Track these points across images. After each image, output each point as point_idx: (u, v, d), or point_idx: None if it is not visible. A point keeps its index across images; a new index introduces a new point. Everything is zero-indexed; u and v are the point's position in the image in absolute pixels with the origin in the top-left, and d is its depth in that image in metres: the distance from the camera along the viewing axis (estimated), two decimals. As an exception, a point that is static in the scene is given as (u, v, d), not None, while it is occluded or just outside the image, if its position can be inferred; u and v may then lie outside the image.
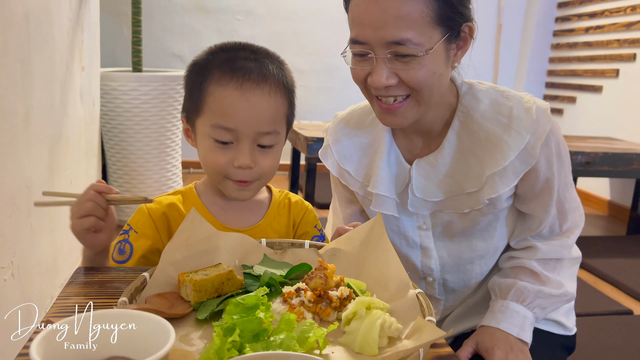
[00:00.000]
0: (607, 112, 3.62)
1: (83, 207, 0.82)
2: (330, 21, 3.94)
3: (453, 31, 0.88)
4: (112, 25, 3.43)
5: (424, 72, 0.86)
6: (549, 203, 0.99)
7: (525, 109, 0.94)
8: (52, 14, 1.60)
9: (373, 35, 0.84)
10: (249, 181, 0.92)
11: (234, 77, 0.89)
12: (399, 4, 0.82)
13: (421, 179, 1.00)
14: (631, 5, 3.41)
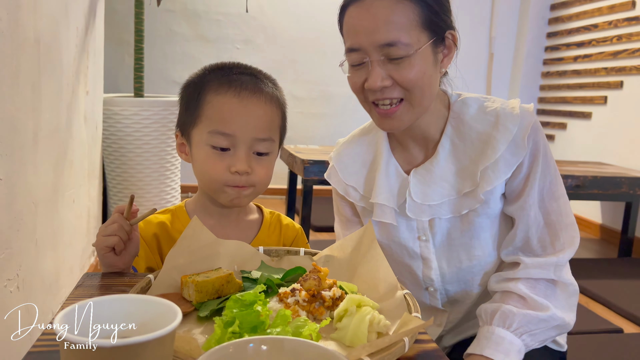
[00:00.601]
0: (596, 138, 3.71)
1: (109, 227, 0.89)
2: (326, 50, 4.06)
3: (438, 36, 0.96)
4: (114, 53, 3.54)
5: (415, 72, 0.93)
6: (529, 203, 0.99)
7: (511, 107, 1.01)
8: (60, 40, 1.68)
9: (366, 39, 0.92)
10: (245, 186, 0.96)
11: (232, 87, 0.94)
12: (388, 10, 0.91)
13: (419, 185, 1.04)
14: (617, 35, 3.54)
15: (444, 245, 1.08)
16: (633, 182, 2.95)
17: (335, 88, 4.12)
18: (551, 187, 1.01)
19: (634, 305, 2.35)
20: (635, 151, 3.38)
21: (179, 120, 1.02)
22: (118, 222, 0.90)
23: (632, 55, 3.41)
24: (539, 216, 1.01)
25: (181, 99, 1.02)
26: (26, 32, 1.34)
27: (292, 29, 4.00)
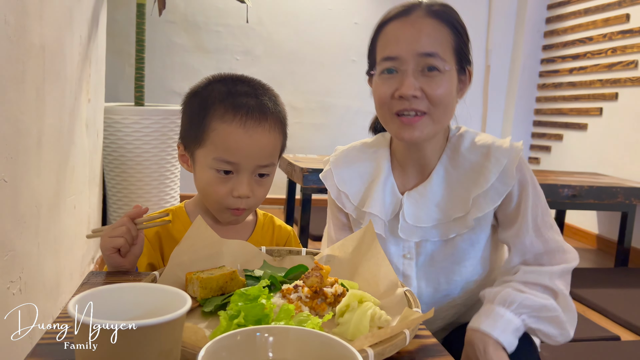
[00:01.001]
0: (592, 149, 3.74)
1: (116, 229, 0.92)
2: (325, 62, 4.11)
3: (462, 67, 1.05)
4: (115, 62, 3.57)
5: (444, 89, 1.01)
6: (523, 230, 1.04)
7: (502, 141, 1.09)
8: (64, 47, 1.71)
9: (407, 47, 1.00)
10: (244, 209, 1.01)
11: (237, 114, 0.97)
12: (431, 28, 1.00)
13: (411, 207, 1.09)
14: (611, 47, 3.59)
15: (426, 266, 1.12)
16: (629, 192, 2.98)
17: (333, 99, 4.16)
18: (544, 217, 1.07)
19: (630, 313, 2.36)
20: (630, 162, 3.41)
21: (183, 134, 1.05)
22: (126, 225, 0.92)
23: (626, 68, 3.46)
24: (538, 244, 1.05)
25: (185, 110, 1.05)
26: (32, 37, 1.36)
27: (291, 41, 4.04)
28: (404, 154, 1.12)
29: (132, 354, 0.46)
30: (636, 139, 3.37)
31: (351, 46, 4.13)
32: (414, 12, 1.02)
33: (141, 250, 0.97)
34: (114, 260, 0.93)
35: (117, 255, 0.93)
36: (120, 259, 0.93)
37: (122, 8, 3.63)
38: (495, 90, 4.45)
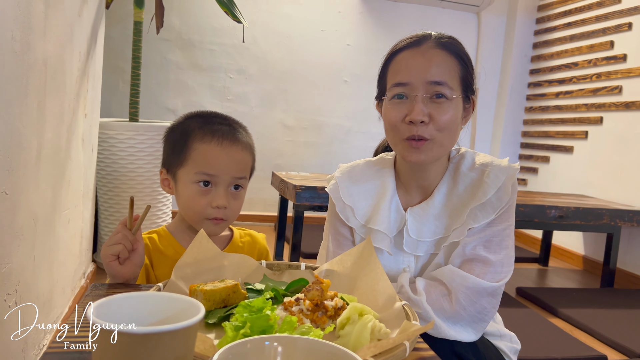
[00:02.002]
0: (578, 171, 3.82)
1: (114, 237, 0.98)
2: (317, 82, 4.17)
3: (467, 94, 1.11)
4: (109, 79, 3.59)
5: (450, 116, 1.07)
6: (476, 238, 1.09)
7: (500, 161, 1.15)
8: (65, 63, 1.73)
9: (418, 75, 1.06)
10: (222, 219, 1.12)
11: (215, 137, 1.12)
12: (440, 58, 1.08)
13: (415, 222, 1.15)
14: (596, 73, 3.69)
15: (419, 275, 1.17)
16: (614, 214, 3.04)
17: (325, 118, 4.21)
18: (503, 238, 1.10)
19: (617, 333, 2.40)
20: (615, 184, 3.49)
21: (165, 160, 1.19)
22: (121, 231, 0.98)
23: (610, 93, 3.56)
24: (480, 254, 1.08)
25: (166, 141, 1.19)
26: (36, 53, 1.38)
27: (284, 61, 4.10)
28: (408, 174, 1.17)
29: (150, 358, 0.48)
30: (620, 162, 3.46)
31: (343, 67, 4.20)
32: (424, 43, 1.10)
33: (142, 260, 0.99)
34: (113, 268, 0.96)
35: (116, 263, 0.96)
36: (119, 267, 0.96)
37: (118, 25, 3.67)
38: (484, 113, 4.54)
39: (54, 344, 0.70)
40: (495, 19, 4.45)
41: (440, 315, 1.05)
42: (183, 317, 0.53)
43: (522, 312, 2.61)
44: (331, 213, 1.26)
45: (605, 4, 3.64)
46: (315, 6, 4.12)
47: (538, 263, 3.74)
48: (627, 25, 3.45)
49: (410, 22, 4.25)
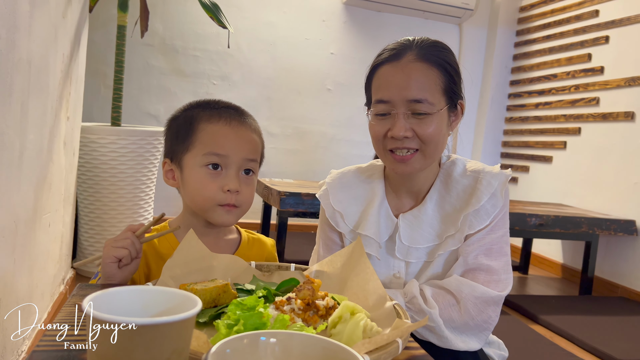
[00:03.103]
0: (557, 180, 3.89)
1: (121, 240, 0.94)
2: (301, 90, 4.18)
3: (453, 103, 1.11)
4: (91, 83, 3.55)
5: (433, 129, 1.07)
6: (476, 246, 1.10)
7: (492, 167, 1.17)
8: (49, 64, 1.71)
9: (397, 93, 1.06)
10: (235, 205, 1.04)
11: (222, 117, 1.06)
12: (420, 73, 1.06)
13: (407, 229, 1.15)
14: (574, 84, 3.77)
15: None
16: (592, 222, 3.10)
17: (308, 126, 4.22)
18: (501, 244, 1.12)
19: (596, 339, 2.44)
20: (593, 193, 3.55)
21: (168, 149, 1.11)
22: (130, 238, 0.95)
23: (588, 104, 3.64)
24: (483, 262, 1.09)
25: (169, 130, 1.12)
26: (20, 52, 1.36)
27: (268, 68, 4.10)
28: (398, 181, 1.18)
29: (148, 350, 0.47)
30: (598, 172, 3.53)
31: (327, 75, 4.22)
32: (404, 56, 1.08)
33: (136, 268, 0.98)
34: (110, 270, 0.94)
35: (115, 266, 0.95)
36: (116, 270, 0.95)
37: (101, 29, 3.64)
38: (465, 123, 4.60)
39: (42, 342, 0.69)
40: (476, 30, 4.53)
41: (448, 326, 1.05)
42: (179, 311, 0.52)
43: (504, 319, 2.64)
44: (322, 218, 1.26)
45: (583, 18, 3.73)
46: (300, 14, 4.14)
47: (518, 271, 3.78)
48: (604, 38, 3.54)
49: (393, 31, 4.30)
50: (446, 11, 4.23)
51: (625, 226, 3.15)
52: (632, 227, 3.16)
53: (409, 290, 1.08)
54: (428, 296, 1.06)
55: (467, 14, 4.27)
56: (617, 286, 3.29)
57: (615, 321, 2.72)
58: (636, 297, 3.15)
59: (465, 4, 4.20)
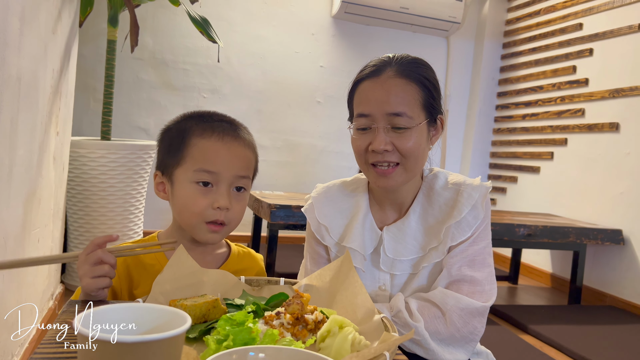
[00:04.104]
0: (544, 191, 3.93)
1: (98, 269, 0.90)
2: (291, 102, 4.21)
3: (432, 117, 1.13)
4: (81, 97, 3.55)
5: (413, 143, 1.09)
6: (460, 257, 1.11)
7: (472, 180, 1.19)
8: (38, 80, 1.72)
9: (377, 108, 1.08)
10: (222, 224, 1.03)
11: (215, 132, 1.04)
12: (399, 88, 1.09)
13: (391, 241, 1.17)
14: (560, 96, 3.83)
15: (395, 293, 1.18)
16: (579, 232, 3.13)
17: (298, 138, 4.24)
18: (484, 255, 1.14)
19: (585, 348, 2.45)
20: (580, 203, 3.60)
21: (160, 162, 1.09)
22: (109, 262, 0.91)
23: (574, 115, 3.69)
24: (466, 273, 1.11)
25: (161, 142, 1.10)
26: (10, 69, 1.37)
27: (258, 81, 4.13)
28: (382, 194, 1.20)
29: (138, 368, 0.48)
30: (585, 182, 3.57)
31: (317, 88, 4.25)
32: (384, 72, 1.11)
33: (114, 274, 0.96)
34: (99, 296, 0.93)
35: (102, 290, 0.92)
36: (102, 292, 0.93)
37: (90, 44, 3.65)
38: (454, 134, 4.64)
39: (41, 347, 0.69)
40: (463, 43, 4.59)
41: (435, 338, 1.06)
42: (168, 328, 0.53)
43: (493, 329, 2.65)
44: (308, 232, 1.28)
45: (568, 31, 3.80)
46: (289, 28, 4.18)
47: (508, 281, 3.80)
48: (589, 51, 3.60)
49: (381, 45, 4.35)
50: (434, 24, 4.28)
51: (612, 235, 3.19)
52: (619, 237, 3.20)
53: (394, 304, 1.10)
54: (413, 309, 1.08)
55: (455, 27, 4.33)
56: (606, 295, 3.32)
57: (604, 330, 2.75)
58: (624, 305, 3.18)
59: (453, 18, 4.26)
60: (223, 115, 1.11)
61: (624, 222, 3.25)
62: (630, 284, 3.19)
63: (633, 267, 3.18)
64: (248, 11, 4.07)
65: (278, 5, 4.13)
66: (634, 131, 3.24)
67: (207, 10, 3.80)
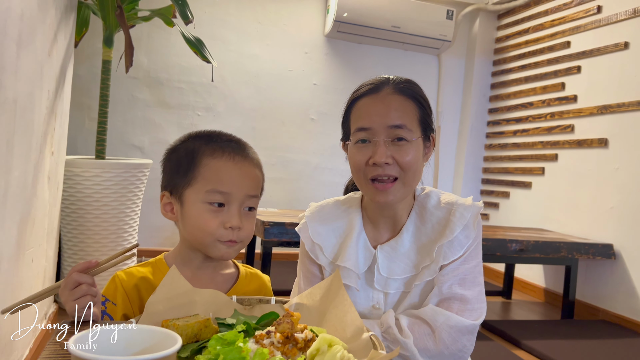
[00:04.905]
0: (536, 206, 3.97)
1: (77, 291, 0.91)
2: (285, 120, 4.25)
3: (426, 135, 1.17)
4: (75, 116, 3.58)
5: (411, 156, 1.12)
6: (451, 276, 1.14)
7: (464, 200, 1.21)
8: (34, 101, 1.74)
9: (378, 120, 1.12)
10: (236, 241, 1.05)
11: (225, 152, 1.06)
12: (398, 103, 1.13)
13: (385, 260, 1.19)
14: (550, 112, 3.89)
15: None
16: (571, 247, 3.16)
17: (292, 155, 4.27)
18: (475, 274, 1.16)
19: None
20: (571, 218, 3.63)
21: (168, 183, 1.10)
22: (86, 282, 0.92)
23: (564, 131, 3.74)
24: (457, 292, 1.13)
25: (168, 162, 1.11)
26: (7, 92, 1.40)
27: (252, 99, 4.17)
28: (376, 212, 1.22)
29: (130, 388, 0.50)
30: (575, 196, 3.61)
31: (310, 105, 4.30)
32: (383, 89, 1.16)
33: (99, 292, 0.96)
34: (87, 317, 0.94)
35: (88, 311, 0.91)
36: (89, 313, 0.93)
37: (85, 63, 3.68)
38: (446, 150, 4.69)
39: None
40: (454, 60, 4.66)
41: (424, 355, 1.07)
42: (160, 348, 0.55)
43: (487, 345, 2.66)
44: (301, 251, 1.29)
45: (556, 49, 3.87)
46: (283, 47, 4.23)
47: (502, 296, 3.82)
48: (577, 68, 3.67)
49: (374, 63, 4.41)
50: (425, 43, 4.35)
51: (603, 250, 3.22)
52: (610, 251, 3.23)
53: (385, 320, 1.12)
54: (403, 326, 1.09)
55: (446, 45, 4.40)
56: (598, 309, 3.34)
57: (597, 345, 2.76)
58: (617, 320, 3.20)
59: (443, 36, 4.33)
60: (230, 135, 1.13)
61: (615, 236, 3.29)
62: (622, 298, 3.21)
63: (625, 281, 3.20)
64: (242, 30, 4.12)
65: (272, 24, 4.20)
66: (623, 146, 3.29)
67: (202, 30, 3.86)
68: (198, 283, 1.07)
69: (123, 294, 1.07)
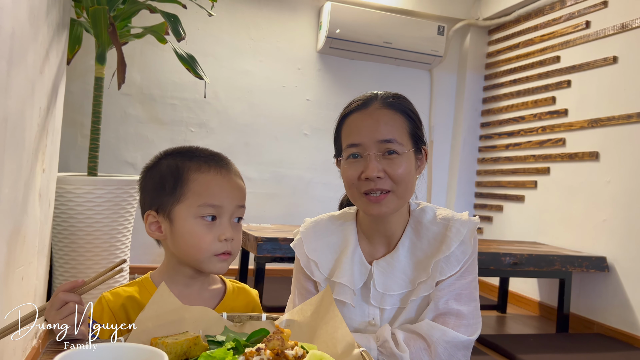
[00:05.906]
0: (529, 219, 3.98)
1: (64, 310, 0.90)
2: (278, 135, 4.26)
3: (418, 147, 1.18)
4: (67, 133, 3.57)
5: (403, 169, 1.13)
6: (447, 291, 1.14)
7: (460, 215, 1.22)
8: (25, 119, 1.74)
9: (368, 136, 1.13)
10: (229, 253, 1.06)
11: (211, 166, 1.07)
12: (388, 117, 1.14)
13: (381, 276, 1.19)
14: (542, 126, 3.92)
15: None
16: (565, 260, 3.17)
17: (286, 170, 4.28)
18: (471, 290, 1.17)
19: (573, 377, 2.46)
20: (564, 231, 3.64)
21: (152, 201, 1.08)
22: (72, 300, 0.91)
23: (555, 145, 3.77)
24: (453, 307, 1.13)
25: (150, 181, 1.09)
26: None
27: (245, 115, 4.18)
28: (371, 227, 1.22)
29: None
30: (568, 209, 3.63)
31: (304, 121, 4.31)
32: (371, 105, 1.17)
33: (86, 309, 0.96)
34: (76, 336, 0.93)
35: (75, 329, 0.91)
36: (79, 331, 0.92)
37: (77, 80, 3.69)
38: (439, 164, 4.71)
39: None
40: (446, 75, 4.70)
41: None
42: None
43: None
44: (296, 268, 1.29)
45: (546, 63, 3.91)
46: (276, 63, 4.26)
47: (497, 310, 3.81)
48: (567, 82, 3.71)
49: (366, 78, 4.44)
50: (417, 58, 4.39)
51: (596, 263, 3.22)
52: (603, 264, 3.24)
53: (381, 334, 1.11)
54: (400, 340, 1.09)
55: (437, 60, 4.44)
56: (593, 322, 3.34)
57: (592, 358, 2.75)
58: (611, 333, 3.19)
59: (435, 51, 4.37)
60: (207, 149, 1.12)
61: (608, 249, 3.30)
62: (616, 311, 3.21)
63: (618, 294, 3.20)
64: (235, 47, 4.15)
65: (264, 41, 4.23)
66: (613, 159, 3.32)
67: (195, 46, 3.88)
68: (186, 299, 1.06)
69: (110, 314, 1.06)
